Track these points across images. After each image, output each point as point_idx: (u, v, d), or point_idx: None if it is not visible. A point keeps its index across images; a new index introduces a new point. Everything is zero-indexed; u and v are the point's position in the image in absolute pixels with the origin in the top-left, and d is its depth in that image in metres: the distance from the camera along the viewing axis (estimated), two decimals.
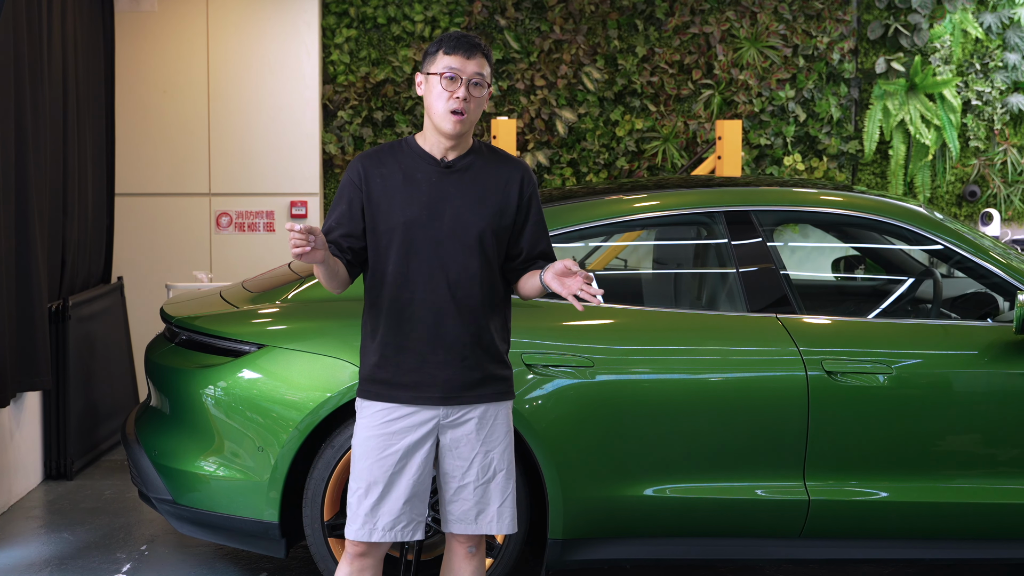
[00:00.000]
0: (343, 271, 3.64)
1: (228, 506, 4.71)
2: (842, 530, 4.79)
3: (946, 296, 5.43)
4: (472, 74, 3.60)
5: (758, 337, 4.77)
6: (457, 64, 3.59)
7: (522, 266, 3.75)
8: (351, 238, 3.67)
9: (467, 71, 3.60)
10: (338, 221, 3.68)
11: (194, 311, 5.08)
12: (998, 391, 4.79)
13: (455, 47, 3.60)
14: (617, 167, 8.45)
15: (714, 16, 8.44)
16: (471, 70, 3.60)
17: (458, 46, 3.60)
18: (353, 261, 3.68)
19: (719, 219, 5.03)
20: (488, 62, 3.65)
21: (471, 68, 3.60)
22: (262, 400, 4.67)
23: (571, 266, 3.50)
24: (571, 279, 3.50)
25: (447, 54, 3.61)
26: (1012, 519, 4.80)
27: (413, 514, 3.70)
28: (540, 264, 3.73)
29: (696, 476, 4.72)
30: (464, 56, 3.60)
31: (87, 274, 7.08)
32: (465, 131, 3.65)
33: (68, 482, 6.43)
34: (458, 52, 3.60)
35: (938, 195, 8.63)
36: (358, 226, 3.67)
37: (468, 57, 3.60)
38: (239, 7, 8.21)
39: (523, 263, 3.75)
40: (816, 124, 8.50)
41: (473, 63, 3.60)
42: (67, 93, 6.62)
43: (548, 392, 4.65)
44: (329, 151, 8.38)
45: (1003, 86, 8.53)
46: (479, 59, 3.62)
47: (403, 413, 3.67)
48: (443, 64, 3.61)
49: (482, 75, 3.62)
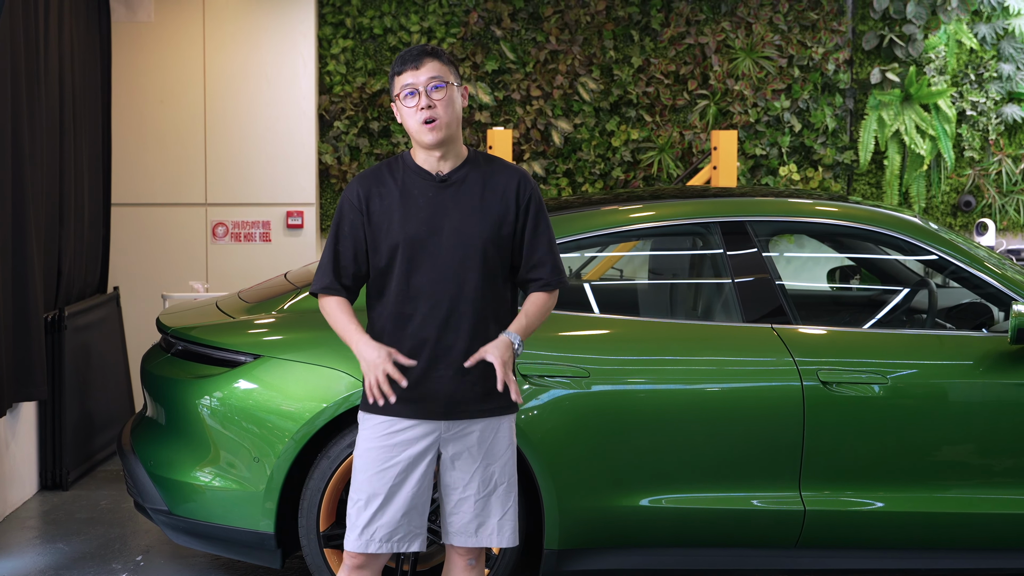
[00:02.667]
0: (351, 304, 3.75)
1: (224, 516, 4.70)
2: (838, 540, 4.79)
3: (941, 306, 5.44)
4: (427, 80, 3.62)
5: (753, 347, 4.78)
6: (410, 79, 3.64)
7: (525, 271, 3.75)
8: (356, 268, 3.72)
9: (420, 80, 3.62)
10: (353, 259, 3.71)
11: (190, 321, 5.08)
12: (993, 401, 4.79)
13: (403, 64, 3.66)
14: (613, 177, 8.46)
15: (709, 27, 8.45)
16: (424, 77, 3.62)
17: (405, 62, 3.66)
18: (354, 289, 3.76)
19: (715, 229, 5.04)
20: (442, 62, 3.66)
21: (423, 76, 3.63)
22: (258, 410, 4.67)
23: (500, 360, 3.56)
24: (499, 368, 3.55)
25: (399, 74, 3.66)
26: (1008, 529, 4.80)
27: (411, 526, 3.69)
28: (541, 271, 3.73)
29: (692, 486, 4.72)
30: (413, 68, 3.64)
31: (83, 284, 7.07)
32: (445, 136, 3.65)
33: (64, 492, 6.42)
34: (406, 68, 3.65)
35: (933, 205, 8.65)
36: (361, 254, 3.71)
37: (417, 67, 3.63)
38: (235, 17, 8.22)
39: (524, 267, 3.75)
40: (811, 134, 8.51)
41: (424, 71, 3.63)
42: (63, 103, 6.62)
43: (544, 402, 4.65)
44: (325, 161, 8.39)
45: (998, 96, 8.55)
46: (429, 64, 3.64)
47: (405, 426, 3.67)
48: (400, 84, 3.66)
49: (438, 77, 3.63)
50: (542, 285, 3.73)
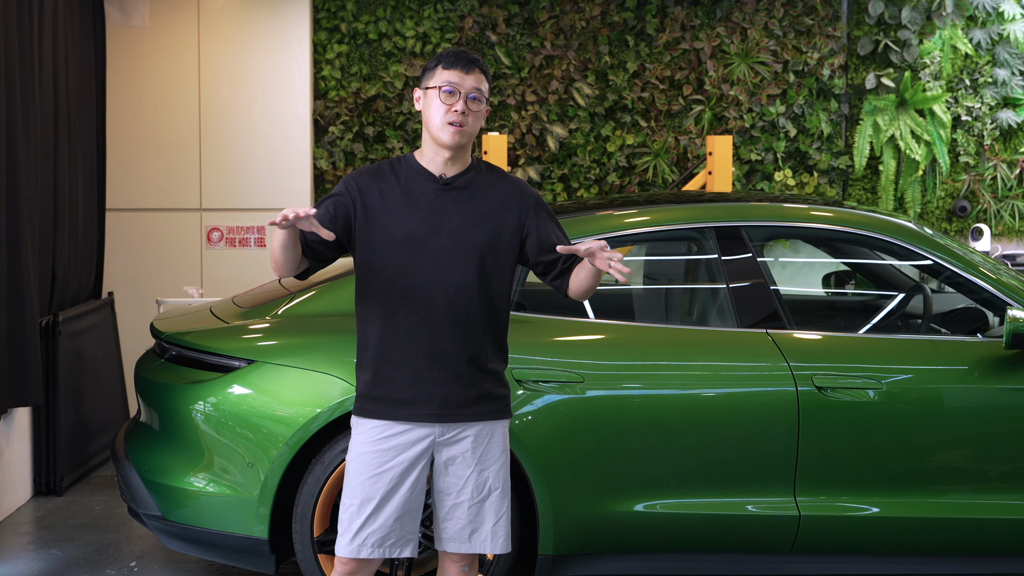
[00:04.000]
0: (300, 252, 3.58)
1: (217, 522, 4.69)
2: (833, 546, 4.79)
3: (936, 311, 5.44)
4: (470, 88, 3.63)
5: (748, 352, 4.77)
6: (456, 79, 3.62)
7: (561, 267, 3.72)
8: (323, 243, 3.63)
9: (465, 86, 3.62)
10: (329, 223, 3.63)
11: (184, 326, 5.07)
12: (988, 406, 4.79)
13: (454, 62, 3.64)
14: (608, 182, 8.46)
15: (705, 32, 8.46)
16: (469, 85, 3.63)
17: (457, 61, 3.64)
18: (310, 255, 3.64)
19: (709, 234, 5.03)
20: (486, 78, 3.68)
21: (469, 83, 3.63)
22: (252, 416, 4.66)
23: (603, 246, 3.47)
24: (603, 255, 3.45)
25: (446, 69, 3.64)
26: (1003, 534, 4.80)
27: (403, 531, 3.69)
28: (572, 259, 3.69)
29: (686, 492, 4.71)
30: (463, 71, 3.63)
31: (77, 289, 7.06)
32: (463, 143, 3.65)
33: (58, 498, 6.41)
34: (457, 67, 3.63)
35: (928, 210, 8.65)
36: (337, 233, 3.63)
37: (466, 72, 3.63)
38: (230, 22, 8.22)
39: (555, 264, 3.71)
40: (806, 139, 8.51)
41: (471, 78, 3.63)
42: (58, 108, 6.61)
43: (538, 408, 4.65)
44: (320, 166, 8.38)
45: (993, 101, 8.56)
46: (477, 75, 3.65)
47: (398, 430, 3.66)
48: (442, 78, 3.63)
49: (480, 90, 3.64)
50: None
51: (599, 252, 3.47)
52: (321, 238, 3.59)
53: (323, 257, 3.69)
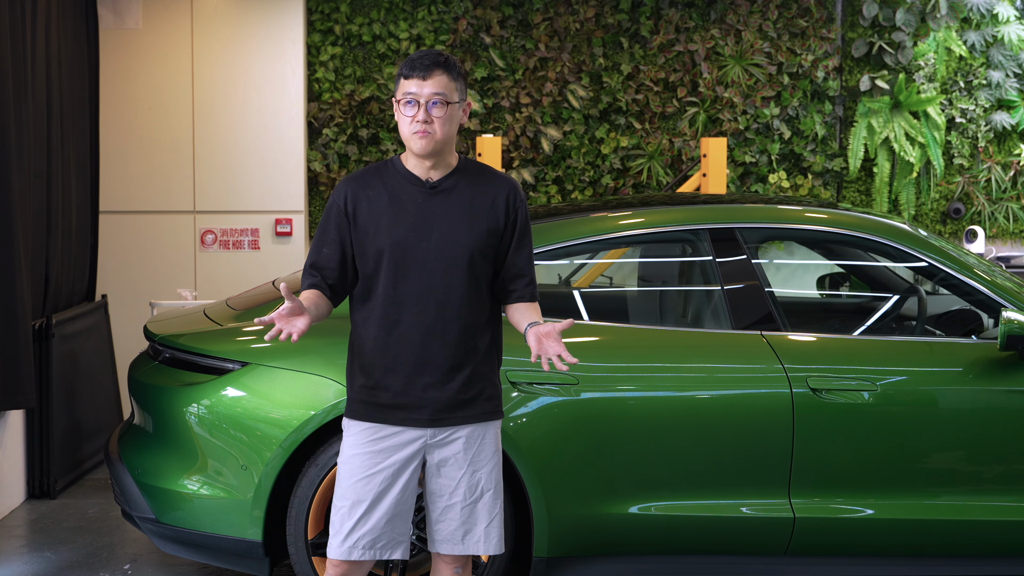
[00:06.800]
0: (326, 309, 3.66)
1: (211, 525, 4.68)
2: (828, 548, 4.79)
3: (931, 313, 5.44)
4: (430, 96, 3.57)
5: (743, 354, 4.77)
6: (414, 87, 3.58)
7: (502, 282, 3.74)
8: (342, 270, 3.67)
9: (424, 93, 3.57)
10: (329, 261, 3.67)
11: (178, 329, 5.06)
12: (983, 408, 4.79)
13: (411, 70, 3.60)
14: (602, 184, 8.46)
15: (699, 34, 8.46)
16: (428, 92, 3.57)
17: (414, 69, 3.59)
18: (339, 290, 3.70)
19: (704, 236, 5.03)
20: (450, 76, 3.60)
21: (428, 90, 3.57)
22: (246, 418, 4.66)
23: (556, 334, 3.52)
24: (551, 343, 3.51)
25: (406, 79, 3.60)
26: (998, 536, 4.80)
27: (395, 533, 3.68)
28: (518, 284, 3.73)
29: (681, 494, 4.71)
30: (420, 78, 3.58)
31: (71, 292, 7.05)
32: (437, 149, 3.62)
33: (51, 501, 6.40)
34: (414, 75, 3.59)
35: (923, 212, 8.65)
36: (348, 257, 3.67)
37: (425, 78, 3.57)
38: (224, 24, 8.21)
39: (503, 278, 3.74)
40: (801, 142, 8.51)
41: (430, 83, 3.57)
42: (51, 110, 6.60)
43: (533, 410, 4.64)
44: (314, 168, 8.37)
45: (987, 104, 8.57)
46: (438, 77, 3.58)
47: (390, 432, 3.66)
48: (402, 90, 3.61)
49: (442, 94, 3.58)
50: (521, 296, 3.74)
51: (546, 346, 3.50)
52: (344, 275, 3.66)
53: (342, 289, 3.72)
